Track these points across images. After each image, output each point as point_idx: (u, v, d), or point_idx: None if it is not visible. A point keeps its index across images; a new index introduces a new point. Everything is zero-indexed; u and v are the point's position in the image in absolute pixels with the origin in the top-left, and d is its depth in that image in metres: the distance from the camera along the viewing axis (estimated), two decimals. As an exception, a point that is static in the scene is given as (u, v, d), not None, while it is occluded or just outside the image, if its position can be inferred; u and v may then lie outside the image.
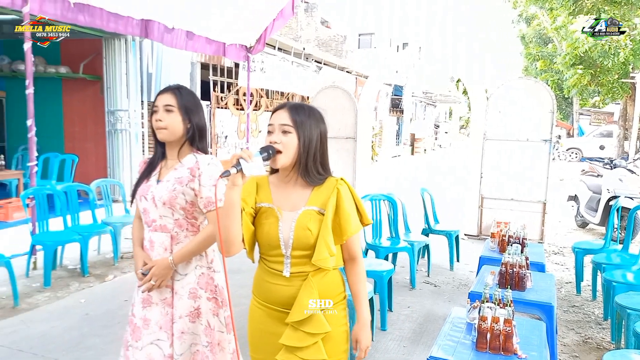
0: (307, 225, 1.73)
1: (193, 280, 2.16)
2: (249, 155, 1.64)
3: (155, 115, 2.11)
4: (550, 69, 23.40)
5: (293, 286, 1.75)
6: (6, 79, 9.24)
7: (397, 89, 23.45)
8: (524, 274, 3.60)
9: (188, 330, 2.14)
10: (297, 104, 1.79)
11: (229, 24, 7.26)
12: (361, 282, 1.85)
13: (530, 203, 7.11)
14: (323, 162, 1.81)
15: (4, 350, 3.43)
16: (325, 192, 1.77)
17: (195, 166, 2.12)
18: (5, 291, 4.44)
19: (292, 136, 1.73)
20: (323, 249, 1.71)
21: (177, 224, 2.14)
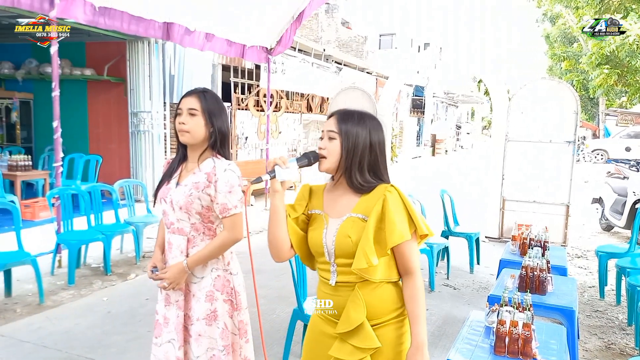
0: (347, 232, 1.68)
1: (209, 283, 2.17)
2: (284, 161, 1.67)
3: (178, 117, 2.14)
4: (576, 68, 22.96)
5: (340, 296, 1.72)
6: (34, 82, 9.48)
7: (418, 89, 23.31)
8: (545, 277, 3.55)
9: (205, 334, 2.15)
10: (348, 111, 1.76)
11: (250, 26, 7.32)
12: (415, 300, 1.69)
13: (553, 205, 7.00)
14: (374, 170, 1.73)
15: (30, 347, 3.52)
16: (372, 199, 1.70)
17: (212, 172, 2.12)
18: (31, 288, 4.56)
19: (336, 142, 1.71)
20: (361, 257, 1.63)
21: (193, 227, 2.16)
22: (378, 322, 1.70)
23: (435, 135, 27.25)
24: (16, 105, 9.44)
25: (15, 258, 4.22)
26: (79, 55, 8.93)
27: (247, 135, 10.91)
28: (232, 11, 6.78)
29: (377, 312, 1.69)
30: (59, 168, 5.24)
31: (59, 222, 5.13)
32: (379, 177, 1.74)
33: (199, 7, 6.35)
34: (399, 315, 1.74)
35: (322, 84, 13.33)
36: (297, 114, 13.33)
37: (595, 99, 27.18)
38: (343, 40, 20.95)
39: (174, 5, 6.06)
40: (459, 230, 5.86)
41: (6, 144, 9.59)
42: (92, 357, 3.40)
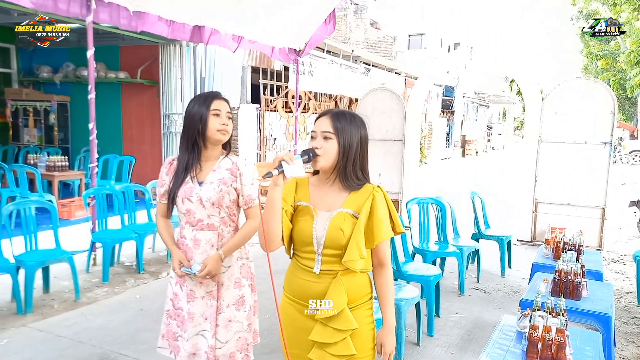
0: (340, 225, 1.80)
1: (237, 271, 2.36)
2: (291, 157, 1.74)
3: (219, 118, 2.25)
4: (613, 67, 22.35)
5: (322, 283, 1.83)
6: (71, 85, 9.77)
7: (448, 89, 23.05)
8: (579, 282, 3.47)
9: (235, 319, 2.32)
10: (339, 111, 1.87)
11: (278, 28, 7.38)
12: (388, 288, 1.91)
13: (588, 208, 6.83)
14: (363, 167, 1.87)
15: (66, 341, 3.63)
16: (361, 196, 1.84)
17: (234, 167, 2.30)
18: (67, 285, 4.70)
19: (333, 142, 1.81)
20: (354, 250, 1.78)
21: (222, 221, 2.31)
22: (353, 305, 1.85)
23: (465, 136, 26.88)
24: (54, 107, 9.73)
25: (53, 256, 4.36)
26: (113, 58, 9.16)
27: (275, 136, 10.99)
28: (261, 13, 6.85)
29: (353, 297, 1.85)
30: (94, 169, 5.39)
31: (94, 221, 5.27)
32: (365, 174, 1.88)
33: (229, 9, 6.43)
34: (369, 299, 1.92)
35: (350, 85, 13.31)
36: (326, 115, 13.33)
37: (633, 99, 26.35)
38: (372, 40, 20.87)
39: (204, 8, 6.15)
40: (490, 233, 5.76)
41: (44, 145, 9.90)
42: (125, 352, 3.49)
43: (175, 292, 2.37)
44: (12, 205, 4.35)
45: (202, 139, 2.26)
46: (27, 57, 10.05)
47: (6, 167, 7.15)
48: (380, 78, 14.97)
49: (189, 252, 2.30)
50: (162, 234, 2.43)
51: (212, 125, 2.24)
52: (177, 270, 2.28)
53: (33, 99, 9.82)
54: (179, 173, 2.29)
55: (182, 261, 2.29)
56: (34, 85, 10.29)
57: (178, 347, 2.35)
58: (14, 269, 4.07)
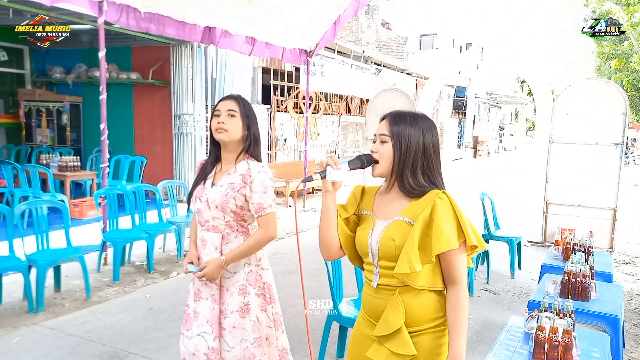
0: (392, 235, 1.66)
1: (242, 278, 2.30)
2: (336, 162, 1.68)
3: (216, 118, 2.25)
4: (626, 67, 22.07)
5: (381, 299, 1.70)
6: (83, 85, 9.87)
7: (459, 90, 22.93)
8: (588, 283, 3.45)
9: (239, 325, 2.28)
10: (400, 112, 1.73)
11: (289, 29, 7.40)
12: (457, 311, 1.63)
13: (599, 210, 6.77)
14: (428, 173, 1.70)
15: (77, 340, 3.68)
16: (422, 204, 1.67)
17: (247, 173, 2.24)
18: (78, 284, 4.76)
19: (388, 146, 1.69)
20: (404, 261, 1.61)
21: (228, 225, 2.28)
22: (417, 329, 1.66)
23: (477, 137, 26.72)
24: (66, 108, 9.85)
25: (64, 255, 4.41)
26: (125, 59, 9.25)
27: (286, 137, 11.02)
28: (271, 14, 6.87)
29: (416, 319, 1.66)
30: (105, 169, 5.45)
31: (105, 221, 5.33)
32: (432, 181, 1.71)
33: (239, 10, 6.47)
34: (439, 325, 1.69)
35: (361, 85, 13.31)
36: (336, 116, 13.36)
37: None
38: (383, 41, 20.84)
39: (215, 9, 6.20)
40: (499, 234, 5.73)
41: (57, 145, 10.01)
42: (134, 351, 3.53)
43: (188, 289, 2.40)
44: (24, 204, 4.41)
45: (213, 142, 2.31)
46: (40, 58, 10.17)
47: (19, 167, 7.24)
48: (391, 79, 14.94)
49: (199, 251, 2.34)
50: (191, 233, 2.45)
51: (213, 126, 2.26)
52: (183, 267, 2.31)
53: (46, 100, 9.94)
54: (202, 175, 2.34)
55: (193, 259, 2.31)
56: (46, 85, 10.41)
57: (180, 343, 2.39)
58: (26, 268, 4.13)
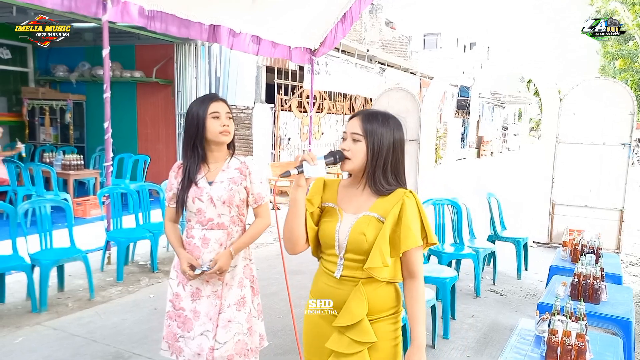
0: (363, 229, 1.71)
1: (240, 271, 2.38)
2: (313, 158, 1.69)
3: (219, 120, 2.27)
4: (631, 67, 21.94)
5: (343, 289, 1.74)
6: (87, 84, 9.85)
7: (463, 89, 22.85)
8: (599, 285, 3.40)
9: (234, 319, 2.31)
10: (372, 111, 1.77)
11: (294, 27, 7.35)
12: (418, 303, 1.76)
13: (606, 210, 6.71)
14: (396, 171, 1.77)
15: (81, 340, 3.64)
16: (390, 201, 1.74)
17: (242, 166, 2.35)
18: (82, 284, 4.72)
19: (361, 145, 1.72)
20: (377, 257, 1.68)
21: (232, 220, 2.34)
22: (375, 317, 1.74)
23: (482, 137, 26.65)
24: (70, 106, 9.83)
25: (68, 254, 4.38)
26: (128, 58, 9.22)
27: (289, 136, 10.97)
28: (276, 12, 6.82)
29: (376, 309, 1.74)
30: (109, 168, 5.41)
31: (108, 220, 5.30)
32: (399, 179, 1.78)
33: (243, 9, 6.42)
34: (394, 312, 1.79)
35: (365, 84, 13.25)
36: (340, 115, 13.31)
37: (652, 99, 25.83)
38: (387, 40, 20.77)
39: (220, 7, 6.15)
40: (506, 235, 5.68)
41: (60, 143, 10.00)
42: (138, 352, 3.49)
43: (176, 293, 2.37)
44: (27, 203, 4.38)
45: (203, 142, 2.28)
46: (43, 57, 10.16)
47: (22, 165, 7.22)
48: (395, 78, 14.88)
49: (195, 251, 2.32)
50: (169, 237, 2.45)
51: (213, 128, 2.26)
52: (187, 272, 2.26)
53: (49, 98, 9.94)
54: (184, 176, 2.32)
55: (191, 262, 2.28)
56: (50, 84, 10.40)
57: (180, 348, 2.35)
58: (29, 268, 4.09)
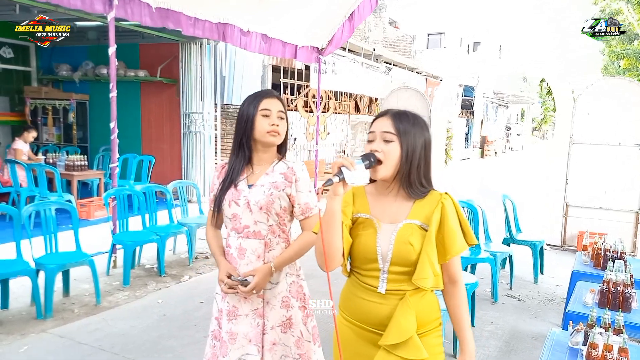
0: (408, 239, 1.60)
1: (285, 289, 2.11)
2: (351, 162, 1.53)
3: (268, 119, 2.06)
4: (636, 67, 21.80)
5: (388, 305, 1.62)
6: (90, 83, 9.70)
7: (467, 89, 22.67)
8: (630, 293, 3.26)
9: (279, 341, 2.09)
10: (400, 111, 1.67)
11: (301, 26, 7.21)
12: (463, 308, 1.69)
13: (621, 212, 6.58)
14: (426, 173, 1.68)
15: (88, 349, 3.49)
16: (428, 206, 1.64)
17: (289, 172, 2.09)
18: (88, 288, 4.58)
19: (394, 145, 1.61)
20: (427, 267, 1.57)
21: (270, 230, 2.08)
22: (422, 331, 1.64)
23: (486, 136, 26.50)
24: (73, 106, 9.68)
25: (74, 259, 4.23)
26: (133, 56, 9.06)
27: (295, 136, 10.83)
28: (284, 11, 6.68)
29: (423, 321, 1.64)
30: (115, 169, 5.26)
31: (114, 223, 5.15)
32: (428, 180, 1.69)
33: (251, 7, 6.28)
34: (438, 325, 1.72)
35: (371, 84, 13.10)
36: (345, 115, 13.17)
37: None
38: (390, 39, 20.59)
39: (227, 6, 6.01)
40: (522, 238, 5.53)
41: (63, 144, 9.86)
42: (148, 362, 3.35)
43: (220, 309, 2.15)
44: (32, 206, 4.24)
45: (250, 141, 2.09)
46: (46, 56, 10.00)
47: (26, 166, 7.08)
48: (401, 77, 14.73)
49: (232, 262, 2.09)
50: (209, 243, 2.22)
51: (261, 126, 2.05)
52: (224, 282, 2.04)
53: (52, 98, 9.79)
54: (226, 177, 2.13)
55: (231, 272, 2.06)
56: (53, 83, 10.24)
57: None
58: (34, 272, 3.95)
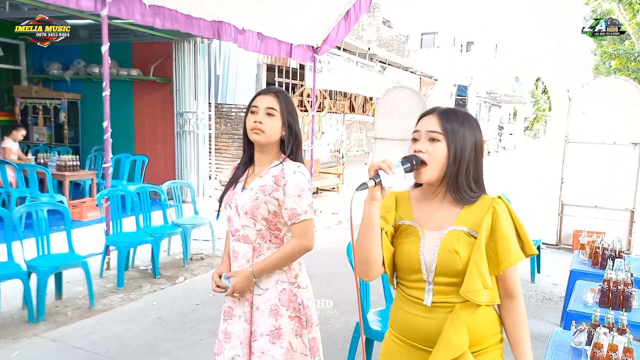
0: (454, 247, 1.47)
1: (274, 296, 2.00)
2: (389, 165, 1.43)
3: (253, 115, 1.99)
4: (627, 67, 21.95)
5: (436, 319, 1.49)
6: (82, 82, 9.57)
7: (460, 89, 22.73)
8: (630, 292, 3.25)
9: (268, 352, 1.98)
10: (448, 108, 1.55)
11: (297, 25, 7.17)
12: (522, 326, 1.53)
13: (616, 211, 6.58)
14: (477, 176, 1.54)
15: (83, 353, 3.42)
16: (478, 211, 1.50)
17: (280, 174, 1.97)
18: (81, 291, 4.50)
19: (441, 145, 1.49)
20: (475, 278, 1.43)
21: (259, 234, 2.00)
22: (478, 348, 1.49)
23: (480, 136, 26.53)
24: (64, 105, 9.56)
25: (67, 261, 4.16)
26: (125, 55, 8.96)
27: (290, 135, 10.76)
28: (279, 9, 6.64)
29: (478, 337, 1.49)
30: (108, 169, 5.19)
31: (108, 224, 5.07)
32: (481, 185, 1.56)
33: (246, 5, 6.23)
34: (498, 341, 1.55)
35: (366, 83, 13.07)
36: (340, 114, 13.12)
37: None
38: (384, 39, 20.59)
39: (223, 3, 5.95)
40: (519, 237, 5.51)
41: (54, 144, 9.74)
42: (144, 365, 3.29)
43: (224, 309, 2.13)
44: (23, 207, 4.15)
45: (245, 140, 2.06)
46: (36, 54, 9.86)
47: (16, 166, 6.97)
48: (395, 77, 14.72)
49: (232, 264, 2.09)
50: (225, 244, 2.19)
51: (247, 124, 2.00)
52: (213, 279, 2.05)
53: (43, 97, 9.65)
54: (233, 178, 2.09)
55: (224, 272, 2.06)
56: (43, 82, 10.10)
57: None
58: (26, 275, 3.86)
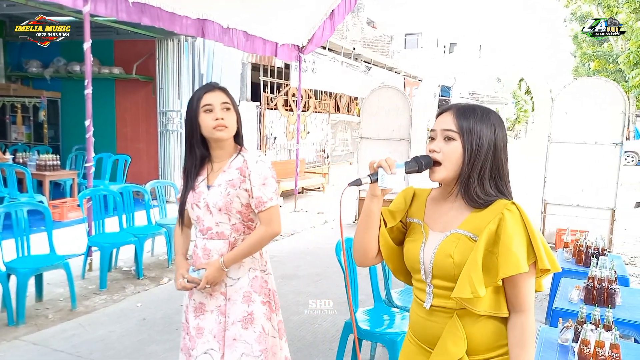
0: (450, 251, 1.41)
1: (247, 284, 2.07)
2: (391, 165, 1.40)
3: (211, 114, 1.98)
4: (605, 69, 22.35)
5: (436, 322, 1.46)
6: (62, 80, 9.40)
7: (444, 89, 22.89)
8: (614, 289, 3.28)
9: (240, 338, 2.04)
10: (467, 105, 1.48)
11: (282, 23, 7.13)
12: (522, 345, 1.38)
13: (597, 210, 6.69)
14: (497, 179, 1.44)
15: (65, 356, 3.35)
16: (486, 215, 1.41)
17: (243, 165, 2.03)
18: (62, 293, 4.40)
19: (456, 144, 1.42)
20: (465, 284, 1.36)
21: (234, 229, 2.05)
22: (479, 358, 1.43)
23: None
24: (44, 104, 9.38)
25: (47, 262, 4.06)
26: (107, 53, 8.82)
27: (275, 135, 10.72)
28: (265, 8, 6.60)
29: (477, 347, 1.42)
30: (90, 168, 5.10)
31: (90, 224, 4.98)
32: (500, 189, 1.45)
33: (233, 3, 6.18)
34: (504, 353, 1.44)
35: (351, 83, 13.09)
36: (325, 114, 13.12)
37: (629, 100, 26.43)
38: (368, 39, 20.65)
39: (207, 1, 5.90)
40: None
41: (34, 143, 9.55)
42: (129, 368, 3.23)
43: (186, 305, 2.17)
44: (2, 207, 4.05)
45: (199, 140, 2.03)
46: (15, 51, 9.65)
47: (-5, 166, 6.82)
48: (380, 77, 14.77)
49: (197, 262, 2.09)
50: (175, 243, 2.24)
51: (205, 123, 1.98)
52: (179, 281, 2.06)
53: (21, 95, 9.46)
54: (185, 179, 2.10)
55: (184, 274, 2.06)
56: (22, 80, 9.88)
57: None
58: (5, 277, 3.77)
